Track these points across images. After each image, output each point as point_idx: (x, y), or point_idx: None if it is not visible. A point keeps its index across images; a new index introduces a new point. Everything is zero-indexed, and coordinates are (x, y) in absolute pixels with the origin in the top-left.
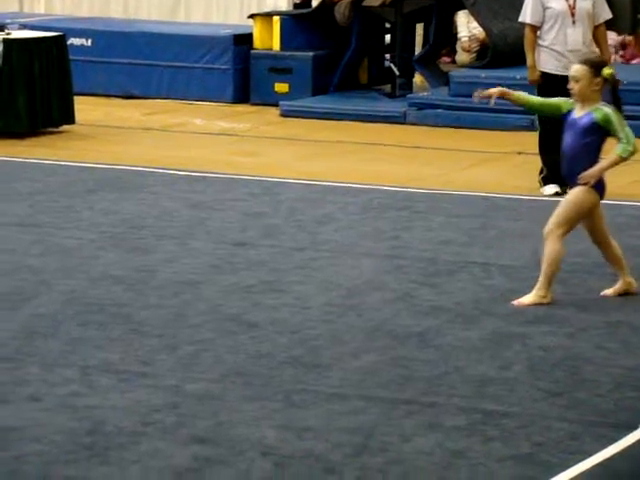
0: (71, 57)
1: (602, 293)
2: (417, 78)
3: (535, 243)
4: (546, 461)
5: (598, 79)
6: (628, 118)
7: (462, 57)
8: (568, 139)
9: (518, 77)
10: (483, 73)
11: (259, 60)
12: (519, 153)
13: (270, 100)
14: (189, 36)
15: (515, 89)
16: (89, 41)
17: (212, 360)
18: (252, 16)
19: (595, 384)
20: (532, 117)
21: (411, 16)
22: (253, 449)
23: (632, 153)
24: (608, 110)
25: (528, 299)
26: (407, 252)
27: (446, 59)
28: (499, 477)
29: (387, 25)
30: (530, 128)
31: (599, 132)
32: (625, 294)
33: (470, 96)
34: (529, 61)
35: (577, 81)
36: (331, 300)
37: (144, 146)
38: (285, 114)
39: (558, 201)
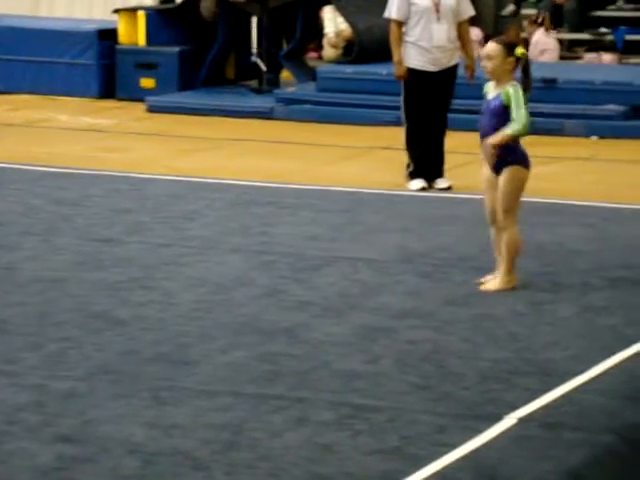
0: None
1: (480, 288)
2: (284, 73)
3: (401, 238)
4: (413, 454)
5: (511, 58)
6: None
7: (329, 53)
8: (482, 121)
9: (384, 73)
10: (349, 69)
11: (124, 55)
12: (386, 148)
13: (136, 95)
14: (53, 31)
15: (381, 85)
16: None
17: (78, 358)
18: (117, 11)
19: (461, 377)
20: (398, 112)
21: (277, 11)
22: (120, 447)
23: (521, 133)
24: (510, 89)
25: (495, 285)
26: (275, 248)
27: (313, 54)
28: (367, 470)
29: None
30: (397, 123)
31: (508, 113)
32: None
33: (337, 91)
34: (395, 57)
35: (490, 59)
36: (199, 296)
37: (7, 142)
38: (151, 109)
39: (425, 196)
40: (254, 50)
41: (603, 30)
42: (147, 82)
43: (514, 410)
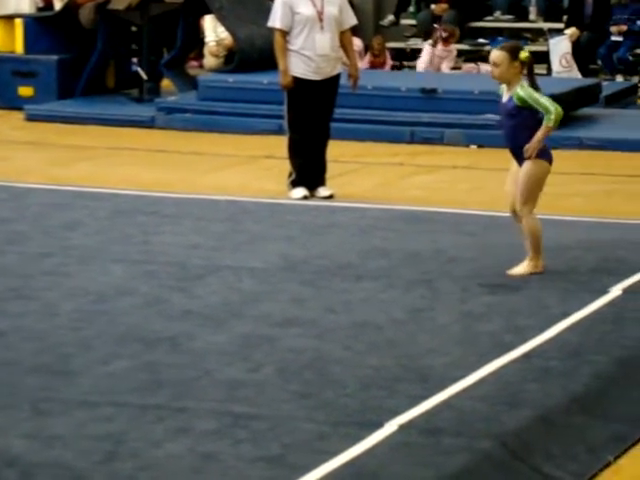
0: None
1: (508, 272)
2: (165, 82)
3: (283, 246)
4: (295, 462)
5: (516, 62)
6: (371, 123)
7: (210, 61)
8: (502, 122)
9: (265, 82)
10: (231, 78)
11: (1, 63)
12: (268, 157)
13: (14, 104)
14: None
15: (263, 94)
16: None
17: None
18: None
19: (342, 384)
20: (280, 121)
21: (157, 20)
22: None
23: (557, 120)
24: (520, 91)
25: (523, 269)
26: (157, 257)
27: (194, 63)
28: (249, 479)
29: (133, 29)
30: (278, 132)
31: (524, 112)
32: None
33: (218, 100)
34: (281, 66)
35: (497, 66)
36: (80, 306)
37: None
38: (30, 118)
39: (306, 205)
40: (134, 59)
41: (481, 41)
42: (25, 90)
43: (395, 417)
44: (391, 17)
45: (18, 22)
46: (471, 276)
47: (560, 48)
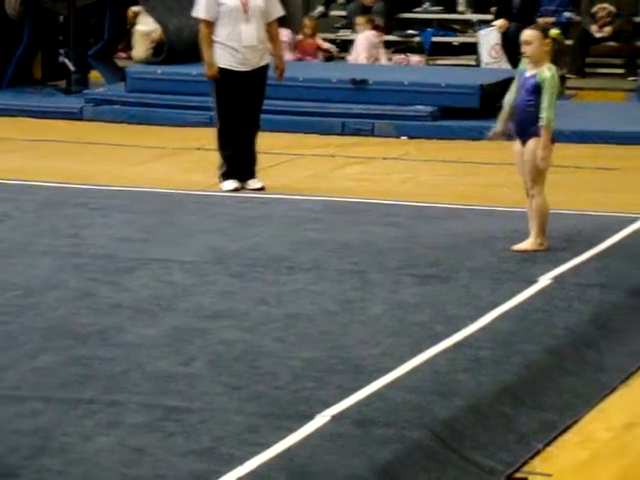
0: None
1: (512, 247)
2: (93, 74)
3: (213, 239)
4: (226, 454)
5: (547, 40)
6: (302, 114)
7: (139, 53)
8: (519, 96)
9: (194, 73)
10: (159, 69)
11: None
12: (198, 149)
13: None
14: None
15: (192, 86)
16: None
17: None
18: None
19: (274, 377)
20: (211, 113)
21: (84, 10)
22: None
23: (548, 123)
24: (547, 73)
25: (529, 245)
26: (86, 250)
27: (122, 54)
28: (180, 472)
29: (61, 19)
30: (208, 124)
31: (540, 92)
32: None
33: (147, 92)
34: (206, 57)
35: (529, 44)
36: (7, 300)
37: None
38: None
39: (237, 197)
40: (62, 50)
41: (411, 32)
42: None
43: (327, 408)
44: (321, 8)
45: None
46: (402, 267)
47: (489, 39)
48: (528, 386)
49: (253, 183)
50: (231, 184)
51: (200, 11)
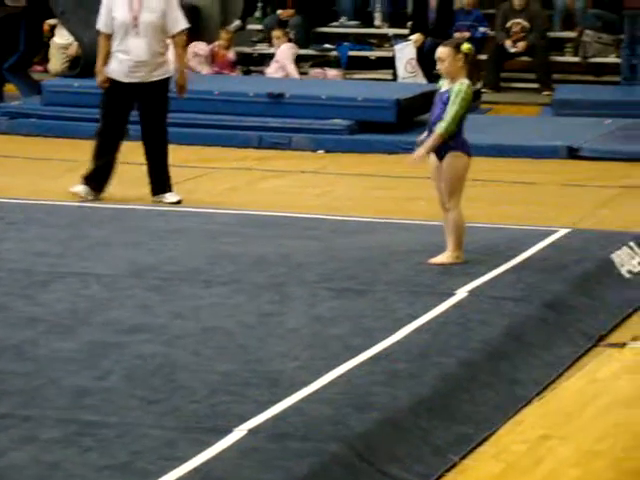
0: None
1: (429, 261)
2: (8, 87)
3: (130, 252)
4: (142, 468)
5: (459, 55)
6: (219, 127)
7: (55, 66)
8: (434, 112)
9: None
10: (76, 82)
11: None
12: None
13: None
14: None
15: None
16: None
17: None
18: None
19: (191, 390)
20: (128, 126)
21: (0, 23)
22: None
23: (448, 130)
24: (457, 87)
25: (445, 258)
26: (1, 264)
27: (38, 67)
28: None
29: None
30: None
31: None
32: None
33: (63, 105)
34: (97, 66)
35: (442, 61)
36: None
37: None
38: None
39: (152, 210)
40: None
41: (327, 46)
42: None
43: (243, 422)
44: (238, 22)
45: None
46: (319, 280)
47: (405, 54)
48: (444, 399)
49: (170, 197)
50: (82, 190)
51: (99, 24)
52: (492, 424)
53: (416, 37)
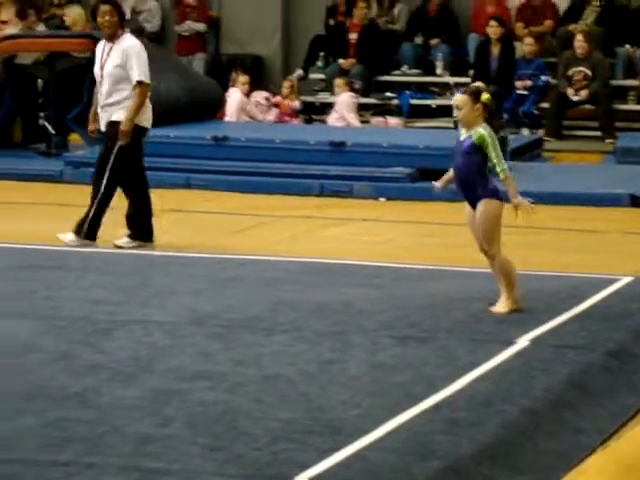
0: None
1: (491, 309)
2: (73, 136)
3: (191, 300)
4: None
5: (478, 105)
6: (281, 175)
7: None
8: (456, 161)
9: (172, 135)
10: None
11: None
12: (174, 210)
13: None
14: None
15: (169, 147)
16: None
17: None
18: None
19: (252, 438)
20: (185, 175)
21: (64, 74)
22: None
23: (505, 177)
24: (483, 131)
25: (503, 307)
26: (63, 312)
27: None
28: None
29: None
30: (186, 186)
31: (479, 152)
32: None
33: None
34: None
35: (460, 109)
36: None
37: None
38: None
39: (212, 258)
40: (42, 113)
41: (389, 95)
42: None
43: (305, 470)
44: (300, 71)
45: None
46: (381, 328)
47: None
48: (506, 447)
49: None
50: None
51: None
52: (555, 473)
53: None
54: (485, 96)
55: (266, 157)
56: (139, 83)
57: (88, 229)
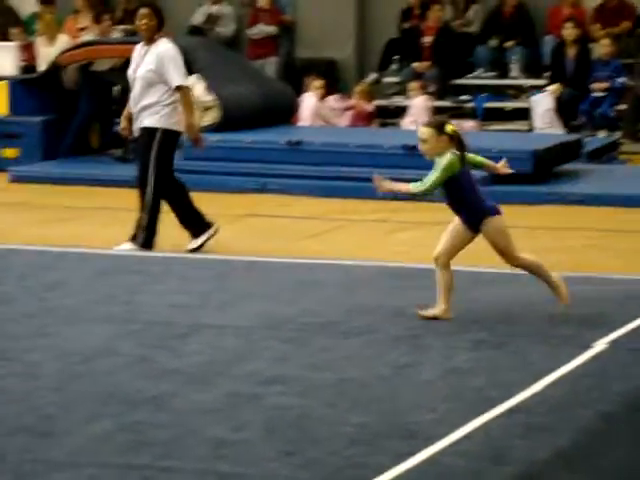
0: None
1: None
2: None
3: (266, 304)
4: None
5: (443, 136)
6: (356, 179)
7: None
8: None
9: (249, 140)
10: (215, 137)
11: None
12: (250, 215)
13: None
14: None
15: (245, 152)
16: None
17: None
18: None
19: (327, 442)
20: (261, 179)
21: None
22: None
23: (418, 193)
24: (438, 158)
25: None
26: (140, 316)
27: None
28: None
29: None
30: (260, 190)
31: (455, 180)
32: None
33: (202, 159)
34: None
35: (425, 142)
36: (63, 367)
37: None
38: (14, 180)
39: (288, 262)
40: (118, 119)
41: (464, 98)
42: (9, 152)
43: (379, 474)
44: (374, 75)
45: (3, 84)
46: (456, 332)
47: (542, 104)
48: (583, 452)
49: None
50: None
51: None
52: (634, 478)
53: (554, 87)
54: (450, 127)
55: (341, 161)
56: (178, 87)
57: (145, 239)
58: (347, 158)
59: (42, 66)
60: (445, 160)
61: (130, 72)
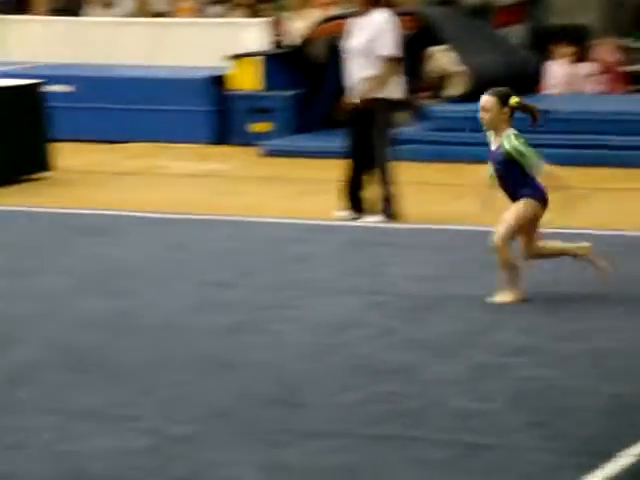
0: (53, 104)
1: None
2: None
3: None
4: None
5: (506, 108)
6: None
7: (454, 91)
8: (496, 170)
9: None
10: (463, 107)
11: (238, 101)
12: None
13: (251, 140)
14: (167, 79)
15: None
16: (70, 87)
17: (193, 402)
18: (232, 57)
19: (576, 413)
20: None
21: None
22: None
23: (545, 174)
24: (506, 144)
25: (508, 298)
26: (387, 288)
27: (423, 93)
28: None
29: None
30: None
31: (512, 161)
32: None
33: (450, 130)
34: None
35: (487, 111)
36: (311, 338)
37: (123, 189)
38: (267, 154)
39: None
40: None
41: None
42: (262, 126)
43: (630, 446)
44: (627, 40)
45: (258, 60)
46: None
47: None
48: None
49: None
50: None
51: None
52: None
53: None
54: (514, 99)
55: (591, 129)
56: (387, 57)
57: (389, 210)
58: (598, 126)
59: (291, 41)
60: (513, 150)
61: (347, 45)
